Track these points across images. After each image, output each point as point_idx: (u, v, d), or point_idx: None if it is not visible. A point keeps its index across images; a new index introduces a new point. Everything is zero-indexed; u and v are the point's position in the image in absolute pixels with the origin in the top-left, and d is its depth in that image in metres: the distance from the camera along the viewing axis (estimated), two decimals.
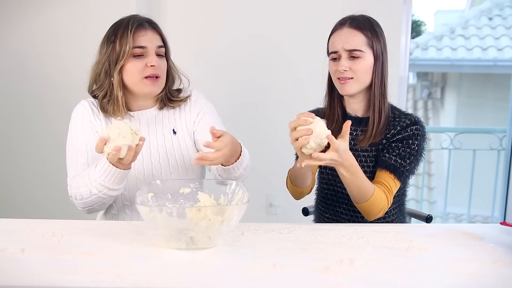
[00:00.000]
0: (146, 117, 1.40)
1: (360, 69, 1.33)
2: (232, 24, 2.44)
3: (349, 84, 1.35)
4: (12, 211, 2.48)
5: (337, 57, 1.36)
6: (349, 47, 1.33)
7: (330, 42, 1.39)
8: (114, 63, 1.31)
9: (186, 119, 1.43)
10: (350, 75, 1.34)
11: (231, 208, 0.98)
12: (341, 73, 1.34)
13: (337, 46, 1.35)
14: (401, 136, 1.35)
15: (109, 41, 1.32)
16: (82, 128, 1.36)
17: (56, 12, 2.34)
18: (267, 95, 2.48)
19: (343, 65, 1.33)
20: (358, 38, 1.33)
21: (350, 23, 1.35)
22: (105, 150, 1.13)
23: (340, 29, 1.36)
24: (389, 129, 1.37)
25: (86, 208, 1.28)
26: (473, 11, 6.17)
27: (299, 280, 0.84)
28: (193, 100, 1.45)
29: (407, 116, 1.39)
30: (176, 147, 1.40)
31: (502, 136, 3.39)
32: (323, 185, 1.49)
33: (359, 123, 1.42)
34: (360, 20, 1.35)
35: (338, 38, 1.35)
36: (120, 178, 1.20)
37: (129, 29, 1.30)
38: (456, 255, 0.98)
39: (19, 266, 0.89)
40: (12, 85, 2.42)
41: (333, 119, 1.45)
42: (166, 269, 0.89)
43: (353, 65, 1.33)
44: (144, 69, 1.31)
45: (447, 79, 6.66)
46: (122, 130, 1.12)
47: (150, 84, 1.33)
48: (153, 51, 1.33)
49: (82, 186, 1.23)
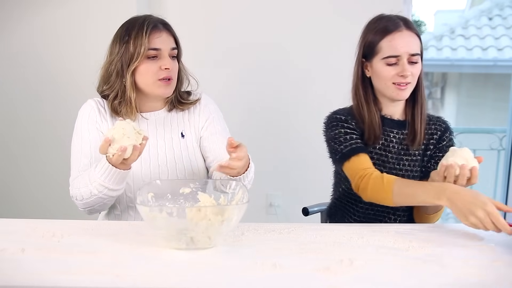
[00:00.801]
0: (155, 119, 1.39)
1: (416, 75, 1.33)
2: (235, 25, 2.43)
3: (408, 89, 1.33)
4: (12, 211, 2.48)
5: (395, 62, 1.31)
6: (412, 51, 1.30)
7: (387, 45, 1.31)
8: (127, 64, 1.30)
9: (195, 123, 1.42)
10: (410, 80, 1.32)
11: (231, 208, 0.98)
12: (404, 79, 1.30)
13: (400, 49, 1.30)
14: (445, 144, 1.40)
15: (122, 41, 1.30)
16: (87, 128, 1.35)
17: (56, 12, 2.34)
18: (267, 95, 2.48)
19: (408, 70, 1.30)
20: (417, 42, 1.32)
21: (406, 26, 1.32)
22: (110, 151, 1.12)
23: (398, 31, 1.31)
24: (430, 134, 1.41)
25: (87, 209, 1.28)
26: (473, 11, 6.17)
27: (299, 280, 0.84)
28: (203, 105, 1.44)
29: (439, 119, 1.44)
30: (184, 151, 1.39)
31: (502, 136, 3.39)
32: (345, 186, 1.46)
33: (399, 126, 1.41)
34: (410, 22, 1.34)
35: (399, 41, 1.30)
36: (121, 178, 1.20)
37: (144, 30, 1.29)
38: (456, 255, 0.98)
39: (19, 266, 0.89)
40: (12, 85, 2.42)
41: (373, 123, 1.38)
42: (166, 269, 0.89)
43: (412, 69, 1.31)
44: (158, 71, 1.30)
45: (447, 79, 6.66)
46: (126, 130, 1.12)
47: (163, 86, 1.32)
48: (167, 53, 1.32)
49: (82, 186, 1.23)
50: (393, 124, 1.41)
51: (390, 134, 1.41)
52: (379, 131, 1.39)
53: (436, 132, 1.41)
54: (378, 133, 1.38)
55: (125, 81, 1.31)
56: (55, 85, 2.38)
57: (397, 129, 1.41)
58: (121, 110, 1.34)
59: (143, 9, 2.25)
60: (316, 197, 1.65)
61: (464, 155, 1.19)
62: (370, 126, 1.38)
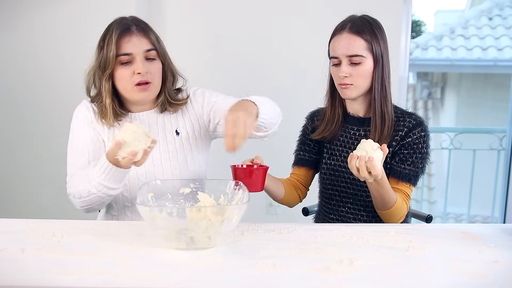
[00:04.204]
0: (147, 118, 1.39)
1: (360, 75, 1.34)
2: (234, 23, 2.44)
3: (350, 89, 1.36)
4: (12, 211, 2.47)
5: (338, 63, 1.36)
6: (350, 53, 1.33)
7: (331, 47, 1.39)
8: (103, 71, 1.29)
9: (192, 118, 1.41)
10: (350, 82, 1.34)
11: (231, 208, 0.98)
12: (342, 79, 1.35)
13: (337, 51, 1.35)
14: (410, 140, 1.36)
15: (99, 47, 1.31)
16: (83, 127, 1.35)
17: (56, 12, 2.34)
18: (267, 94, 2.47)
19: (344, 71, 1.33)
20: (358, 43, 1.33)
21: (350, 27, 1.34)
22: (120, 154, 1.11)
23: (340, 34, 1.35)
24: (396, 131, 1.38)
25: (84, 207, 1.27)
26: (473, 11, 6.17)
27: (299, 280, 0.84)
28: (192, 98, 1.43)
29: (411, 116, 1.40)
30: (179, 149, 1.39)
31: (502, 136, 3.39)
32: (327, 186, 1.49)
33: (362, 123, 1.43)
34: (359, 24, 1.34)
35: (338, 43, 1.35)
36: (121, 177, 1.19)
37: (112, 36, 1.27)
38: (456, 255, 0.98)
39: (19, 266, 0.89)
40: (12, 86, 2.42)
41: (333, 119, 1.46)
42: (166, 269, 0.89)
43: (353, 70, 1.33)
44: (132, 77, 1.29)
45: (447, 79, 6.66)
46: (137, 134, 1.11)
47: (140, 91, 1.30)
48: (140, 56, 1.28)
49: (80, 185, 1.23)
50: (355, 121, 1.44)
51: (351, 131, 1.44)
52: (337, 128, 1.45)
53: (403, 128, 1.38)
54: (335, 129, 1.45)
55: (102, 87, 1.31)
56: (55, 85, 2.38)
57: (358, 126, 1.43)
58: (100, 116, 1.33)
59: (143, 9, 2.25)
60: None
61: (365, 147, 1.20)
62: (328, 122, 1.46)
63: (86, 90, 1.38)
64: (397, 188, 1.35)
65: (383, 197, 1.28)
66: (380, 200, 1.29)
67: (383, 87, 1.36)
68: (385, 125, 1.37)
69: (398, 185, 1.36)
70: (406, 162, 1.36)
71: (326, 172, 1.48)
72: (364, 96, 1.40)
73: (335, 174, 1.46)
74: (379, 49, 1.34)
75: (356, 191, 1.42)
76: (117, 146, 1.10)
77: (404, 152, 1.37)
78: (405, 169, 1.36)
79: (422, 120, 1.39)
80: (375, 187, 1.25)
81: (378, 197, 1.28)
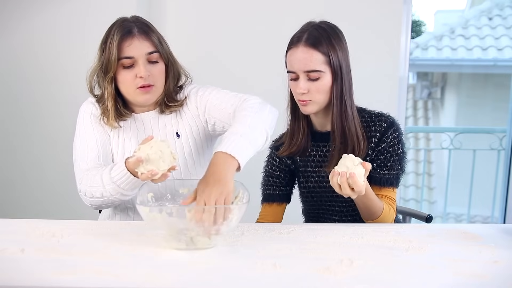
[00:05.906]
0: (149, 119, 1.39)
1: (319, 90, 1.27)
2: (234, 23, 2.43)
3: (309, 105, 1.29)
4: (12, 211, 2.47)
5: (295, 77, 1.29)
6: (307, 68, 1.25)
7: (288, 60, 1.31)
8: (105, 73, 1.28)
9: (189, 119, 1.40)
10: (309, 98, 1.28)
11: (231, 208, 0.98)
12: (300, 96, 1.28)
13: (294, 66, 1.27)
14: (385, 145, 1.32)
15: (101, 48, 1.30)
16: (91, 123, 1.34)
17: (56, 12, 2.34)
18: (267, 94, 2.47)
19: (301, 87, 1.27)
20: (316, 57, 1.25)
21: (306, 40, 1.26)
22: (140, 169, 1.08)
23: (296, 47, 1.27)
24: (369, 137, 1.33)
25: (94, 206, 1.27)
26: (473, 11, 6.17)
27: (299, 280, 0.84)
28: (188, 98, 1.40)
29: (381, 118, 1.34)
30: (180, 151, 1.38)
31: (502, 136, 3.39)
32: (311, 208, 1.46)
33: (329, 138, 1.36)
34: (315, 35, 1.27)
35: (294, 57, 1.27)
36: (137, 185, 1.17)
37: (114, 39, 1.25)
38: (456, 255, 0.98)
39: (19, 266, 0.89)
40: (12, 86, 2.42)
41: (298, 132, 1.38)
42: (166, 269, 0.89)
43: (312, 86, 1.27)
44: (134, 80, 1.28)
45: (447, 79, 6.67)
46: (163, 153, 1.08)
47: (143, 94, 1.29)
48: (142, 59, 1.27)
49: (94, 186, 1.21)
50: (323, 136, 1.37)
51: (323, 148, 1.38)
52: (303, 141, 1.37)
53: (375, 134, 1.32)
54: (302, 143, 1.37)
55: (104, 90, 1.30)
56: (55, 85, 2.38)
57: (327, 142, 1.37)
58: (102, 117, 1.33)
59: (143, 9, 2.25)
60: None
61: (346, 163, 1.15)
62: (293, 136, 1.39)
63: (89, 90, 1.37)
64: (380, 194, 1.31)
65: (369, 208, 1.25)
66: (367, 212, 1.27)
67: (342, 101, 1.29)
68: (348, 140, 1.30)
69: (381, 191, 1.32)
70: (384, 167, 1.32)
71: (308, 196, 1.43)
72: (326, 109, 1.33)
73: (317, 196, 1.41)
74: (337, 61, 1.27)
75: (341, 207, 1.39)
76: (139, 161, 1.08)
77: (381, 158, 1.33)
78: (385, 175, 1.32)
79: (392, 120, 1.34)
80: (360, 199, 1.22)
81: (365, 209, 1.26)
